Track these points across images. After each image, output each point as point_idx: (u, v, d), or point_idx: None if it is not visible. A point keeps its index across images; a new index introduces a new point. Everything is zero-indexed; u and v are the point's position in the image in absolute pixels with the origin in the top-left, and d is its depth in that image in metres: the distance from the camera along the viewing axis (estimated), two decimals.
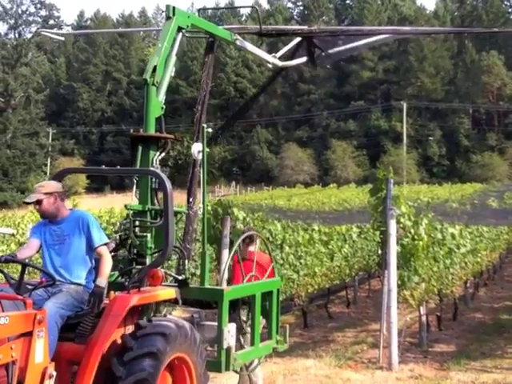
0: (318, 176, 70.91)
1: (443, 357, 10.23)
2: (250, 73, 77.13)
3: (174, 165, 50.89)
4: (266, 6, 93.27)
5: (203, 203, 6.08)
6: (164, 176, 5.47)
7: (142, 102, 6.10)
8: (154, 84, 5.94)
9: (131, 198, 6.06)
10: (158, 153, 5.96)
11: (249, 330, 6.53)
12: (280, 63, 8.22)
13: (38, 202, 5.24)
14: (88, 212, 5.90)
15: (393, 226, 9.63)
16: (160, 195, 5.75)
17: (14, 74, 71.81)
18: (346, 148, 71.84)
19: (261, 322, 6.68)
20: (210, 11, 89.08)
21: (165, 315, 5.36)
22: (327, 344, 11.24)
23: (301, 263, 12.41)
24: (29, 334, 4.37)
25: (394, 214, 9.67)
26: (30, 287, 4.87)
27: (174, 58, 6.31)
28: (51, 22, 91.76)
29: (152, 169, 5.83)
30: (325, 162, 72.58)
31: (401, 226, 10.19)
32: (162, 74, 6.08)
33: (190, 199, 6.55)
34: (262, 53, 8.13)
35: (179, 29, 6.40)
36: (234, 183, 69.12)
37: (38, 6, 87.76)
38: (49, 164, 72.76)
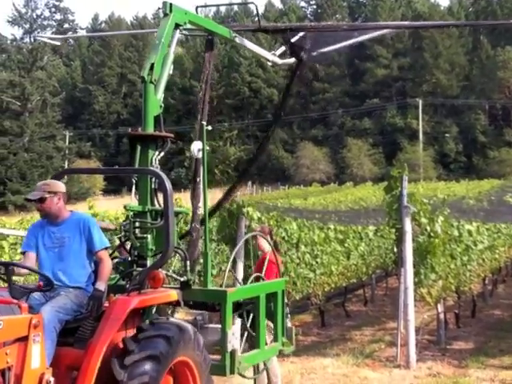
0: (334, 174, 70.73)
1: (461, 354, 10.18)
2: (264, 72, 77.09)
3: (189, 165, 50.99)
4: (279, 5, 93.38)
5: (204, 203, 5.97)
6: (164, 175, 5.33)
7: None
8: (151, 82, 5.83)
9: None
10: (157, 152, 5.85)
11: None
12: (280, 61, 8.13)
13: (41, 200, 5.07)
14: (89, 215, 5.79)
15: (408, 224, 9.61)
16: (161, 196, 5.59)
17: (30, 78, 72.34)
18: (362, 146, 71.59)
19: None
20: (223, 12, 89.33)
21: (167, 318, 5.22)
22: (345, 343, 11.22)
23: (317, 262, 12.39)
24: (24, 339, 4.24)
25: (409, 211, 9.65)
26: (26, 291, 4.73)
27: (171, 56, 6.20)
28: (66, 25, 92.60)
29: (151, 168, 5.71)
30: (341, 161, 72.40)
31: (416, 223, 10.15)
32: (160, 72, 5.97)
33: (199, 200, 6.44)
34: (261, 50, 8.02)
35: (177, 26, 6.28)
36: (250, 183, 69.12)
37: (53, 10, 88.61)
38: (66, 167, 73.17)
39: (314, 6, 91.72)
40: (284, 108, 8.60)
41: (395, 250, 11.35)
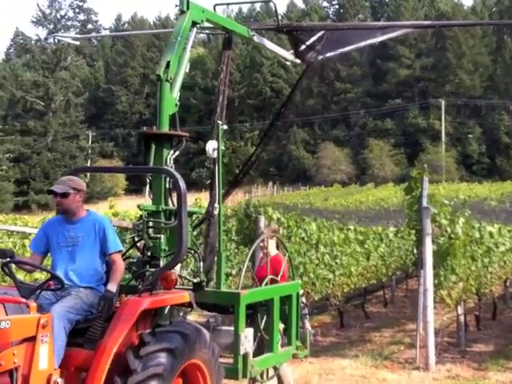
0: (355, 175, 70.49)
1: (481, 357, 10.10)
2: (286, 73, 76.93)
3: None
4: (301, 5, 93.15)
5: (218, 203, 5.89)
6: (178, 175, 5.17)
7: (179, 104, 6.00)
8: (167, 80, 5.75)
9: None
10: (171, 151, 5.74)
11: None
12: (299, 60, 8.06)
13: (64, 196, 4.97)
14: (105, 216, 5.75)
15: (428, 225, 9.56)
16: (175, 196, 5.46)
17: (54, 78, 72.99)
18: (384, 147, 71.21)
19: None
20: (245, 12, 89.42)
21: (184, 318, 5.16)
22: (363, 344, 11.19)
23: (336, 263, 12.37)
24: (32, 339, 4.14)
25: (429, 212, 9.59)
26: (35, 290, 4.63)
27: (188, 54, 6.13)
28: (89, 26, 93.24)
29: (165, 167, 5.61)
30: (362, 161, 72.10)
31: (437, 224, 10.09)
32: (176, 70, 5.88)
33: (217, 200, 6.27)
34: (280, 50, 7.91)
35: (194, 24, 6.18)
36: (270, 183, 69.12)
37: (77, 10, 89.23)
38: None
39: (336, 6, 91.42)
40: (287, 106, 8.48)
41: (415, 251, 11.31)
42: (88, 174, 66.65)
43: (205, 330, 5.02)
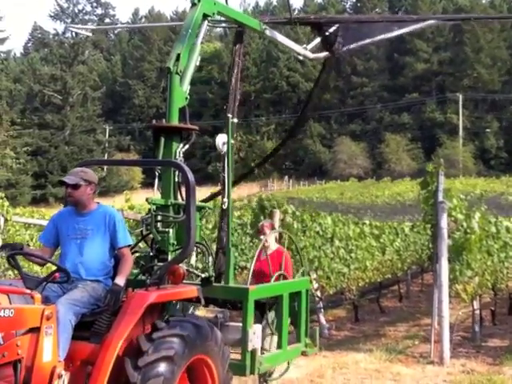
0: (371, 170, 70.23)
1: (496, 352, 10.07)
2: (302, 67, 76.81)
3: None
4: None
5: (228, 197, 5.83)
6: (186, 168, 5.07)
7: (196, 98, 5.93)
8: (177, 73, 5.72)
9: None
10: (181, 145, 5.71)
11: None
12: (311, 55, 7.91)
13: (75, 187, 4.91)
14: (115, 209, 5.63)
15: (444, 220, 9.51)
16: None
17: (72, 73, 73.40)
18: (400, 141, 70.88)
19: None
20: (262, 6, 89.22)
21: (184, 315, 5.03)
22: (378, 338, 11.19)
23: (351, 257, 12.38)
24: (36, 331, 4.07)
25: (444, 207, 9.55)
26: (41, 282, 4.51)
27: (198, 47, 6.09)
28: (107, 20, 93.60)
29: (174, 160, 5.55)
30: (378, 156, 71.83)
31: (452, 219, 10.04)
32: (186, 63, 5.85)
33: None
34: (292, 44, 7.82)
35: (205, 17, 6.12)
36: (286, 177, 69.11)
37: (94, 4, 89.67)
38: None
39: (354, 0, 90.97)
40: (312, 101, 8.38)
41: (431, 246, 11.28)
42: (105, 168, 67.22)
43: (205, 321, 4.96)
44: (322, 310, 11.88)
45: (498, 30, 74.53)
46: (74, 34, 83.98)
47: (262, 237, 7.11)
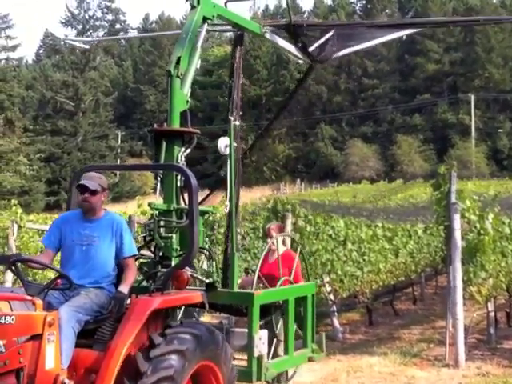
0: (383, 172, 70.00)
1: None
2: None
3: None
4: (328, 1, 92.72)
5: (230, 201, 5.78)
6: (189, 172, 5.03)
7: (207, 102, 5.92)
8: (178, 76, 5.69)
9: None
10: (183, 149, 5.66)
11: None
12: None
13: (94, 193, 4.88)
14: (123, 218, 5.58)
15: (457, 221, 9.47)
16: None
17: (83, 79, 73.74)
18: (412, 143, 70.61)
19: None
20: (271, 9, 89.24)
21: (196, 319, 5.04)
22: (392, 341, 11.13)
23: (364, 260, 12.33)
24: (38, 338, 3.99)
25: (457, 208, 9.50)
26: (42, 289, 4.44)
27: (199, 50, 6.06)
28: (117, 26, 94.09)
29: (175, 164, 5.49)
30: (390, 158, 71.59)
31: (465, 220, 9.99)
32: (187, 66, 5.82)
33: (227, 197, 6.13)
34: (292, 48, 7.77)
35: (204, 19, 6.10)
36: (298, 180, 69.02)
37: (105, 10, 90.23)
38: None
39: (364, 2, 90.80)
40: (287, 104, 8.34)
41: (444, 247, 11.22)
42: (117, 173, 67.46)
43: (217, 330, 4.90)
44: (336, 313, 11.85)
45: (510, 30, 73.98)
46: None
47: (268, 239, 7.09)
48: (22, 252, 10.23)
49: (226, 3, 6.81)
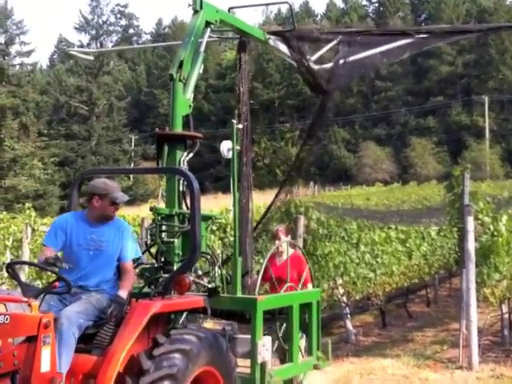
0: (397, 174, 69.74)
1: None
2: (325, 73, 76.61)
3: (252, 166, 51.32)
4: (340, 4, 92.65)
5: (233, 206, 5.70)
6: (191, 175, 4.95)
7: (220, 106, 5.91)
8: (180, 80, 5.68)
9: (212, 201, 5.82)
10: (185, 153, 5.60)
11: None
12: (315, 67, 7.83)
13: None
14: (125, 222, 5.55)
15: (470, 223, 9.43)
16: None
17: (97, 83, 74.13)
18: (426, 145, 70.29)
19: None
20: (284, 12, 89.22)
21: (185, 326, 4.83)
22: (406, 343, 11.11)
23: (377, 262, 12.30)
24: (33, 340, 3.88)
25: (471, 210, 9.47)
26: (40, 292, 4.40)
27: (202, 55, 6.04)
28: (131, 30, 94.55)
29: (177, 167, 5.45)
30: (404, 160, 71.31)
31: (479, 222, 9.97)
32: (190, 70, 5.80)
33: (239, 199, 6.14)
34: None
35: (207, 24, 6.08)
36: (311, 183, 68.93)
37: (118, 15, 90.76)
38: None
39: (376, 4, 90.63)
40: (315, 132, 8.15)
41: (457, 249, 11.17)
42: (131, 177, 67.66)
43: (208, 332, 4.82)
44: (349, 315, 11.84)
45: None
46: (98, 44, 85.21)
47: (276, 242, 7.06)
48: (36, 255, 10.28)
49: (229, 9, 6.80)
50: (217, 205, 20.36)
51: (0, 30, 69.72)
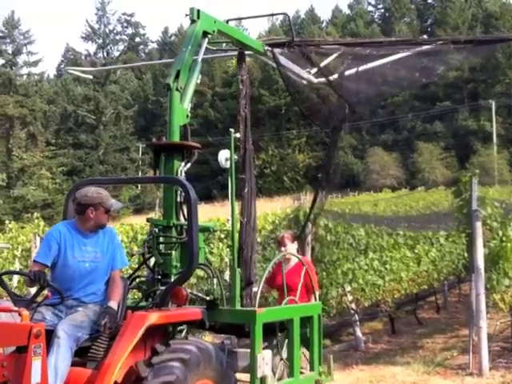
0: (404, 180, 69.58)
1: None
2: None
3: (260, 174, 51.33)
4: (346, 10, 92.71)
5: (232, 216, 5.61)
6: (189, 185, 4.91)
7: (227, 113, 5.88)
8: (177, 89, 5.64)
9: (219, 209, 5.80)
10: (183, 163, 5.56)
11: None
12: (315, 80, 7.78)
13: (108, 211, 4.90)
14: (113, 229, 5.46)
15: (478, 228, 9.39)
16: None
17: (104, 92, 74.45)
18: (433, 150, 70.13)
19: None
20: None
21: (186, 337, 4.81)
22: (415, 350, 11.05)
23: (386, 268, 12.26)
24: (24, 350, 3.74)
25: (479, 215, 9.43)
26: (32, 303, 4.35)
27: (199, 65, 6.02)
28: (137, 39, 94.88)
29: (174, 176, 5.40)
30: (411, 165, 71.16)
31: (487, 227, 9.93)
32: (187, 80, 5.77)
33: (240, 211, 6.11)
34: (295, 67, 7.64)
35: (205, 34, 6.08)
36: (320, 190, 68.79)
37: (125, 24, 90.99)
38: None
39: (382, 10, 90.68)
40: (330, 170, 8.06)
41: (466, 255, 11.12)
42: (139, 186, 67.75)
43: (208, 344, 4.76)
44: (358, 322, 11.79)
45: None
46: (105, 53, 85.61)
47: (282, 248, 7.02)
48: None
49: (227, 21, 6.78)
50: (224, 213, 20.34)
51: (7, 40, 70.24)
